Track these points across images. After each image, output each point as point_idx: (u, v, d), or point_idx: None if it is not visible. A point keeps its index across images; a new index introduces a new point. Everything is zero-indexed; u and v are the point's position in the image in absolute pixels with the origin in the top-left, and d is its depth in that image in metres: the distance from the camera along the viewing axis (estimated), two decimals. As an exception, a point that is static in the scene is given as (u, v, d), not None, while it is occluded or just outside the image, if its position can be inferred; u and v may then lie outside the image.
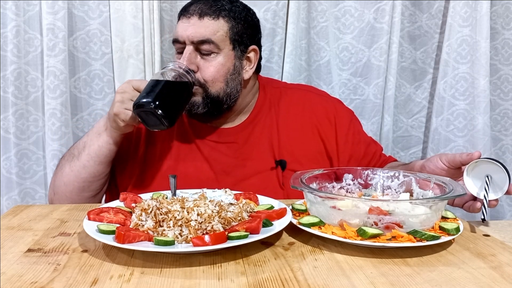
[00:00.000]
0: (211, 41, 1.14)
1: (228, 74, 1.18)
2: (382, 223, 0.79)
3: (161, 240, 0.75)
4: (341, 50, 1.76)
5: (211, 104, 1.18)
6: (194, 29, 1.14)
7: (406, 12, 1.78)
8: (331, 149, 1.28)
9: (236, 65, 1.19)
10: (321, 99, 1.34)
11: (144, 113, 1.05)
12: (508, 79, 1.82)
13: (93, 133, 1.17)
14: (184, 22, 1.16)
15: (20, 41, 1.63)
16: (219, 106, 1.19)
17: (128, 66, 1.67)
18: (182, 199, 0.87)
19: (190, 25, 1.15)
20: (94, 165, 1.15)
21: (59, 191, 1.20)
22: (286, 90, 1.34)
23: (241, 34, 1.19)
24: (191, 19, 1.15)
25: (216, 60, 1.16)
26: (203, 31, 1.14)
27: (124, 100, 1.08)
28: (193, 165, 1.22)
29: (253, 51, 1.23)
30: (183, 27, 1.16)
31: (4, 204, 1.69)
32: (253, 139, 1.25)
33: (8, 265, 0.73)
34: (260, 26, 1.29)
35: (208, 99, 1.17)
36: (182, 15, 1.18)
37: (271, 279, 0.68)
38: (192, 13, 1.15)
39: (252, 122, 1.27)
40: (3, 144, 1.67)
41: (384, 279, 0.68)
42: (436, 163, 1.05)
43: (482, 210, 0.92)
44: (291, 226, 0.85)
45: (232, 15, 1.17)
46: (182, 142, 1.25)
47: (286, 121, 1.28)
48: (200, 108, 1.17)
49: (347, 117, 1.32)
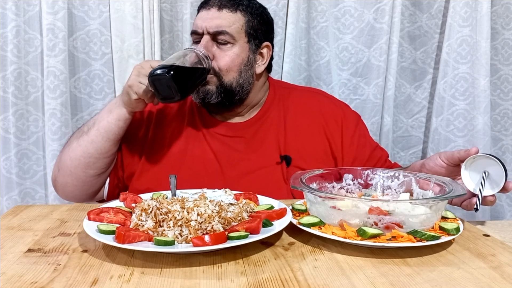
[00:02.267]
0: (226, 32, 1.19)
1: (242, 65, 1.22)
2: (382, 223, 0.79)
3: (161, 240, 0.75)
4: (341, 50, 1.76)
5: (224, 94, 1.21)
6: (212, 20, 1.19)
7: (406, 12, 1.78)
8: (336, 150, 1.29)
9: (250, 57, 1.24)
10: (329, 101, 1.37)
11: (158, 82, 1.07)
12: (508, 79, 1.82)
13: (105, 111, 1.20)
14: (203, 14, 1.21)
15: (20, 41, 1.64)
16: (232, 96, 1.23)
17: (128, 66, 1.67)
18: (182, 199, 0.87)
19: (208, 16, 1.20)
20: (102, 141, 1.17)
21: (63, 166, 1.21)
22: (295, 91, 1.37)
23: (256, 29, 1.24)
24: (210, 10, 1.20)
25: (232, 50, 1.20)
26: (220, 22, 1.19)
27: (140, 74, 1.12)
28: (200, 157, 1.24)
29: (266, 47, 1.28)
30: (202, 18, 1.21)
31: (4, 204, 1.69)
32: (260, 135, 1.28)
33: (8, 265, 0.73)
34: (273, 26, 1.33)
35: (221, 88, 1.21)
36: (202, 8, 1.23)
37: (271, 279, 0.68)
38: (212, 5, 1.21)
39: (260, 119, 1.30)
40: (3, 144, 1.67)
41: (384, 279, 0.68)
42: (435, 161, 1.05)
43: (476, 201, 0.92)
44: (291, 226, 0.85)
45: (249, 10, 1.23)
46: (190, 133, 1.28)
47: (294, 119, 1.30)
48: (214, 97, 1.21)
49: (353, 120, 1.34)
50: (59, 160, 1.24)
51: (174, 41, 1.73)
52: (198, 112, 1.30)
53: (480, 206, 0.93)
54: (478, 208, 0.92)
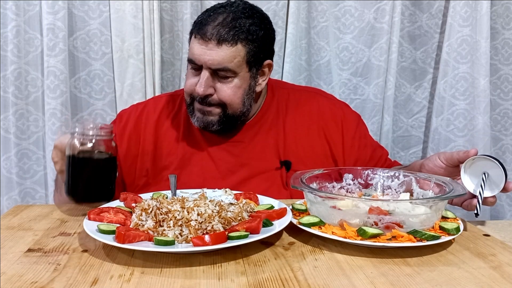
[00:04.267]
0: (228, 68, 1.13)
1: (244, 95, 1.18)
2: (382, 223, 0.79)
3: (161, 240, 0.75)
4: (341, 50, 1.76)
5: (227, 122, 1.19)
6: (212, 56, 1.12)
7: (406, 12, 1.78)
8: (337, 152, 1.28)
9: (251, 84, 1.19)
10: (329, 102, 1.34)
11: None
12: (508, 79, 1.82)
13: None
14: (202, 46, 1.13)
15: (20, 41, 1.64)
16: (234, 123, 1.21)
17: (128, 66, 1.67)
18: (182, 199, 0.87)
19: (207, 50, 1.12)
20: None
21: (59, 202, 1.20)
22: (294, 92, 1.34)
23: (257, 55, 1.18)
24: (209, 44, 1.12)
25: (233, 83, 1.16)
26: (221, 60, 1.12)
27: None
28: (199, 164, 1.23)
29: (267, 66, 1.23)
30: (200, 51, 1.13)
31: (4, 204, 1.69)
32: (259, 138, 1.26)
33: (8, 265, 0.73)
34: (274, 34, 1.25)
35: (224, 118, 1.18)
36: (198, 35, 1.13)
37: (271, 279, 0.68)
38: (210, 37, 1.11)
39: (258, 122, 1.28)
40: (3, 144, 1.67)
41: (384, 279, 0.68)
42: (434, 162, 1.05)
43: (476, 205, 0.92)
44: (291, 226, 0.85)
45: (250, 37, 1.14)
46: (188, 142, 1.25)
47: (293, 122, 1.28)
48: (215, 126, 1.19)
49: (354, 120, 1.32)
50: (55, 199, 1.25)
51: (174, 41, 1.73)
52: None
53: (481, 210, 0.92)
54: (478, 213, 0.92)
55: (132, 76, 1.67)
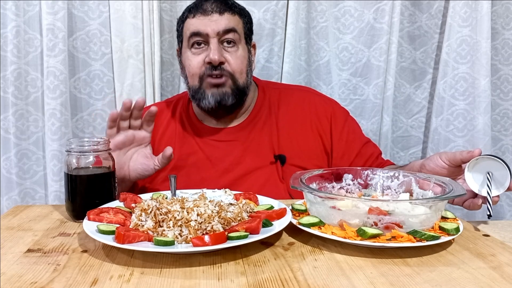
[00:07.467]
0: (235, 30, 1.21)
1: (248, 66, 1.25)
2: (382, 223, 0.79)
3: (161, 240, 0.75)
4: (340, 50, 1.76)
5: (239, 95, 1.23)
6: (217, 22, 1.20)
7: (405, 12, 1.78)
8: (328, 146, 1.32)
9: (249, 57, 1.27)
10: (320, 99, 1.39)
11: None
12: (508, 79, 1.82)
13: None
14: (204, 19, 1.20)
15: (20, 41, 1.64)
16: (243, 97, 1.25)
17: (128, 66, 1.67)
18: (182, 199, 0.87)
19: (212, 21, 1.20)
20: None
21: None
22: (285, 91, 1.38)
23: (249, 30, 1.28)
24: (212, 16, 1.20)
25: (238, 52, 1.23)
26: (228, 23, 1.20)
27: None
28: (195, 165, 1.25)
29: (253, 47, 1.32)
30: (204, 23, 1.20)
31: (4, 204, 1.69)
32: (253, 137, 1.29)
33: (8, 265, 0.73)
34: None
35: (237, 90, 1.22)
36: (198, 13, 1.21)
37: (271, 279, 0.68)
38: (212, 10, 1.21)
39: (252, 122, 1.31)
40: (3, 144, 1.67)
41: (384, 279, 0.68)
42: (436, 162, 1.04)
43: (488, 207, 0.92)
44: (291, 226, 0.85)
45: (242, 12, 1.27)
46: (183, 143, 1.28)
47: (286, 118, 1.31)
48: (230, 99, 1.22)
49: (342, 116, 1.36)
50: None
51: (174, 41, 1.73)
52: (188, 122, 1.31)
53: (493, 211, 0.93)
54: (491, 214, 0.92)
55: (132, 76, 1.67)
